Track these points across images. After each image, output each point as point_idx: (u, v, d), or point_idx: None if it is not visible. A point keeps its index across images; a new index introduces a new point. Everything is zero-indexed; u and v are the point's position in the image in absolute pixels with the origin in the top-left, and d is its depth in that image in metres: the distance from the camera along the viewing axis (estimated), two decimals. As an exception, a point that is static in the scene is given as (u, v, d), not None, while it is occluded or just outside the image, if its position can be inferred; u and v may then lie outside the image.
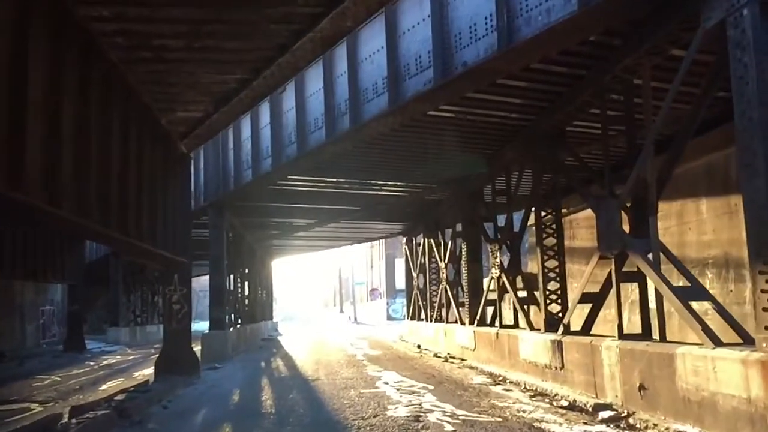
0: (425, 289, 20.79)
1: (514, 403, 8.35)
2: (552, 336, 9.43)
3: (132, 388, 10.18)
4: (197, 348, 16.00)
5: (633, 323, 12.94)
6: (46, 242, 21.56)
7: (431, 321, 19.41)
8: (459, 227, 16.65)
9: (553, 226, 10.43)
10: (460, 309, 15.98)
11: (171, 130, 10.83)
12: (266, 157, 14.27)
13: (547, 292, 10.24)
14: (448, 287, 17.57)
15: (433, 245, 19.47)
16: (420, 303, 21.71)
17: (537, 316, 11.29)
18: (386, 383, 10.76)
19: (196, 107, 9.66)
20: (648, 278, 7.44)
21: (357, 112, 10.71)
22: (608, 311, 9.19)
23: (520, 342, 10.75)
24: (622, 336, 7.67)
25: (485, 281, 14.80)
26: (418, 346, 18.90)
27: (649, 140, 7.03)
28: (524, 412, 7.67)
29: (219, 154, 16.80)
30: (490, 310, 13.90)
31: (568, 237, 13.15)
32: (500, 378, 10.84)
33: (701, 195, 10.51)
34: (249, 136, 15.14)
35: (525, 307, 11.55)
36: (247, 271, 24.28)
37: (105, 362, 18.94)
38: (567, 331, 9.24)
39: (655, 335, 7.47)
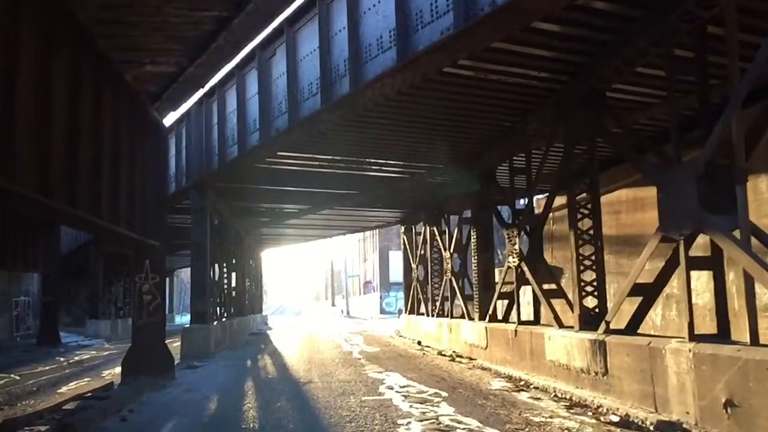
0: (426, 282, 19.30)
1: (551, 417, 6.81)
2: (590, 335, 7.91)
3: (89, 394, 8.59)
4: (177, 344, 14.51)
5: (668, 320, 11.60)
6: (16, 228, 19.88)
7: (433, 315, 17.90)
8: (467, 213, 15.12)
9: (589, 206, 8.84)
10: (468, 302, 14.53)
11: (139, 90, 9.20)
12: (253, 131, 12.66)
13: (582, 284, 8.69)
14: (453, 279, 16.07)
15: (436, 233, 17.90)
16: (420, 296, 20.24)
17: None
18: (390, 388, 9.23)
19: (166, 58, 8.04)
20: (727, 265, 5.92)
21: (358, 73, 9.18)
22: (632, 306, 7.69)
23: (547, 341, 9.23)
24: (695, 337, 6.11)
25: (497, 272, 13.32)
26: (419, 343, 17.44)
27: (740, 87, 5.48)
28: (569, 431, 6.15)
29: (202, 130, 15.16)
30: (502, 303, 12.34)
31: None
32: (522, 383, 9.33)
33: (760, 171, 9.00)
34: (234, 109, 13.54)
35: (550, 300, 10.01)
36: (234, 261, 22.65)
37: (77, 358, 17.31)
38: (609, 330, 7.72)
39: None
